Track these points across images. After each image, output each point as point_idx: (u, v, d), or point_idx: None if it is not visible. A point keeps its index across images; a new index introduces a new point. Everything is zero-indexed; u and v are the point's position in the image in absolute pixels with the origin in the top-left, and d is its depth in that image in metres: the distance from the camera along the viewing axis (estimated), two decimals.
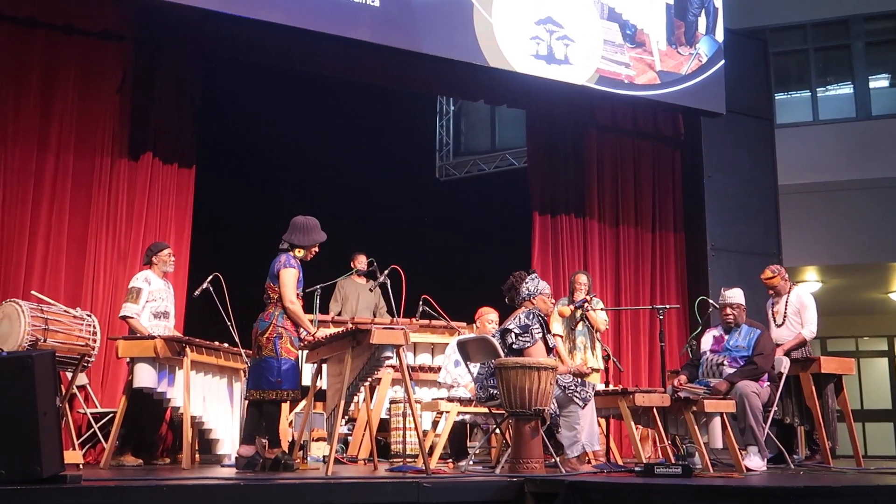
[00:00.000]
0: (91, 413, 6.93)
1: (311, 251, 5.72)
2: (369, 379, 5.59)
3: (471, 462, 6.05)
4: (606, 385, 7.05)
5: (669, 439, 6.52)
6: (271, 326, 5.47)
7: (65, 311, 6.12)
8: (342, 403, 5.23)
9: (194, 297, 6.47)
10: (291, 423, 6.97)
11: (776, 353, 6.62)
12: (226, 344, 6.45)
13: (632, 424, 5.87)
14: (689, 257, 10.20)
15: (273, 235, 5.77)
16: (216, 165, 9.08)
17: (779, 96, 12.67)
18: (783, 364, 6.58)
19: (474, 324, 7.15)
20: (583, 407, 5.64)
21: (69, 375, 6.17)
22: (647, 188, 10.21)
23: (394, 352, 5.18)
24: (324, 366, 5.91)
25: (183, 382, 6.02)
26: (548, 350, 5.59)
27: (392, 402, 7.13)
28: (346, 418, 7.25)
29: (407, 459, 6.40)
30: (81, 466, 5.62)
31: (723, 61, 9.56)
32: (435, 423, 6.48)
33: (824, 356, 6.84)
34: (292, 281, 5.52)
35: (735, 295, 6.59)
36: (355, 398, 6.07)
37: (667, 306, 7.67)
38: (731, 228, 10.04)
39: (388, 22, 7.72)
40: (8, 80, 7.19)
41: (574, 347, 7.51)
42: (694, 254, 10.14)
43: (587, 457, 5.93)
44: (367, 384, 5.78)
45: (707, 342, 6.64)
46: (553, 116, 9.83)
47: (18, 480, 3.48)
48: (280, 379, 5.41)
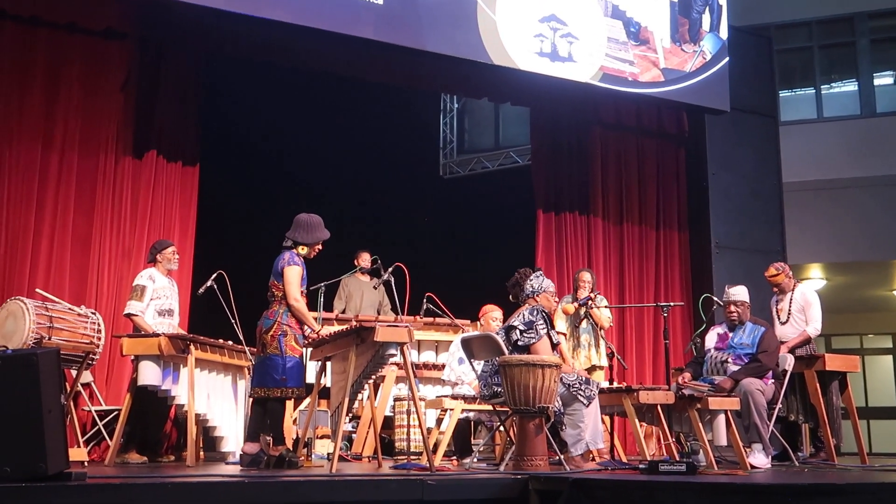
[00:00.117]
0: (96, 410, 6.94)
1: (315, 249, 5.72)
2: (373, 376, 5.58)
3: (475, 459, 6.04)
4: (610, 382, 7.04)
5: (674, 437, 6.52)
6: (276, 324, 5.47)
7: (69, 309, 6.12)
8: (346, 401, 5.22)
9: (198, 295, 6.48)
10: (296, 421, 6.98)
11: (780, 351, 6.60)
12: (230, 342, 6.46)
13: (636, 422, 5.86)
14: (694, 255, 10.20)
15: (277, 233, 5.77)
16: (220, 163, 9.09)
17: (783, 94, 12.65)
18: (787, 361, 6.57)
19: (478, 321, 7.14)
20: (587, 405, 5.62)
21: (74, 373, 6.17)
22: (651, 186, 10.20)
23: (398, 349, 5.17)
24: (328, 363, 5.91)
25: (187, 380, 6.03)
26: (553, 346, 5.59)
27: (396, 400, 7.12)
28: (351, 416, 7.26)
29: (411, 457, 6.40)
30: (86, 464, 5.62)
31: (727, 58, 9.56)
32: (439, 421, 6.48)
33: (829, 353, 6.83)
34: (296, 278, 5.52)
35: (739, 292, 6.58)
36: (359, 396, 6.07)
37: (671, 304, 7.67)
38: (736, 226, 10.04)
39: (392, 20, 7.73)
40: (12, 79, 7.20)
41: (578, 345, 7.52)
42: (698, 251, 10.13)
43: (591, 454, 5.92)
44: (372, 382, 5.77)
45: (711, 340, 6.63)
46: (557, 114, 9.82)
47: (23, 478, 3.48)
48: (285, 376, 5.41)
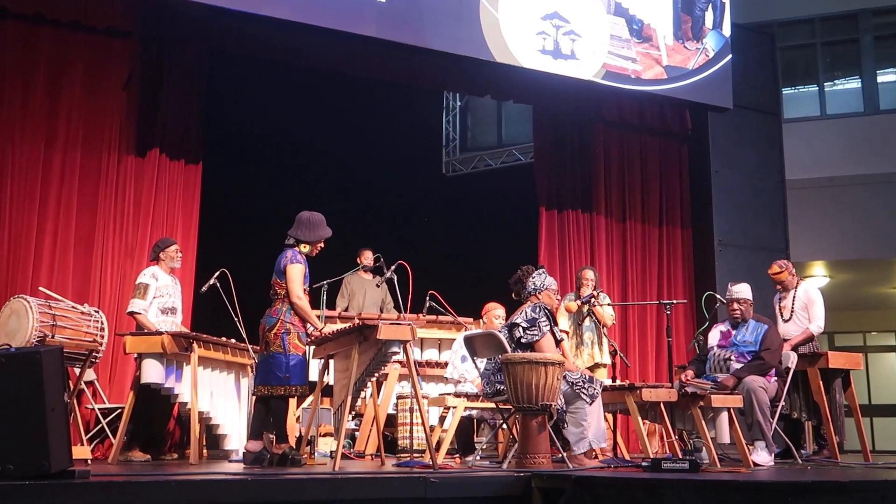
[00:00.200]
0: (99, 409, 6.95)
1: (317, 247, 5.72)
2: (376, 374, 5.59)
3: (478, 457, 6.05)
4: (613, 380, 7.03)
5: (676, 434, 6.51)
6: (279, 322, 5.48)
7: (73, 307, 6.13)
8: (349, 399, 5.23)
9: (201, 293, 6.49)
10: (299, 419, 6.98)
11: (783, 349, 6.60)
12: (233, 340, 6.46)
13: (639, 419, 5.85)
14: (696, 252, 10.19)
15: (280, 231, 5.77)
16: (223, 161, 9.10)
17: (786, 91, 12.61)
18: (791, 359, 6.56)
19: (481, 319, 7.14)
20: (590, 403, 5.59)
21: (77, 371, 6.18)
22: (654, 183, 10.19)
23: (401, 347, 5.17)
24: (331, 361, 5.92)
25: (190, 378, 6.04)
26: (556, 343, 5.58)
27: (399, 398, 7.12)
28: (354, 414, 7.27)
29: (414, 455, 6.40)
30: (90, 462, 5.64)
31: (730, 56, 9.55)
32: (442, 419, 6.48)
33: (832, 351, 6.81)
34: (299, 276, 5.52)
35: (742, 290, 6.57)
36: (362, 394, 6.07)
37: (674, 301, 7.66)
38: (739, 223, 10.03)
39: (395, 17, 7.73)
40: (15, 78, 7.21)
41: (581, 343, 7.52)
42: (701, 249, 10.12)
43: (594, 453, 5.91)
44: (374, 380, 5.78)
45: (714, 337, 6.63)
46: (560, 112, 9.82)
47: (27, 476, 3.49)
48: (288, 374, 5.41)
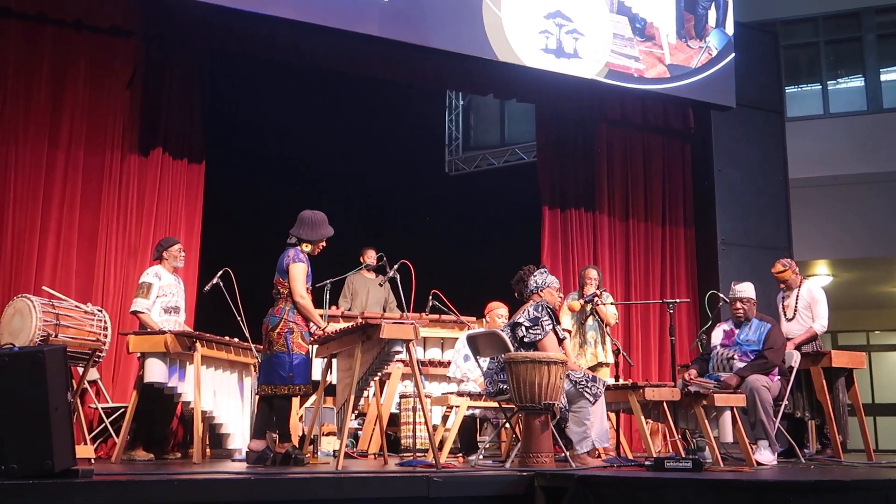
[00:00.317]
0: (102, 408, 6.96)
1: (319, 246, 5.72)
2: (379, 374, 5.59)
3: (481, 456, 6.04)
4: (616, 379, 7.03)
5: (679, 433, 6.50)
6: (282, 321, 5.48)
7: (76, 307, 6.15)
8: (352, 398, 5.23)
9: (204, 292, 6.50)
10: (302, 418, 6.99)
11: (787, 347, 6.59)
12: (236, 339, 6.47)
13: (642, 419, 5.84)
14: (700, 251, 10.18)
15: (283, 230, 5.77)
16: (226, 160, 9.11)
17: (789, 89, 12.60)
18: (794, 358, 6.56)
19: (484, 318, 7.13)
20: (593, 402, 5.57)
21: (80, 370, 6.19)
22: (657, 182, 10.18)
23: (404, 346, 5.17)
24: (334, 360, 5.92)
25: (193, 377, 6.04)
26: (559, 341, 5.57)
27: (402, 397, 7.12)
28: (357, 413, 7.27)
29: (417, 454, 6.40)
30: (93, 461, 5.64)
31: (733, 54, 9.54)
32: (445, 418, 6.48)
33: (835, 350, 6.80)
34: (302, 276, 5.53)
35: (745, 289, 6.57)
36: (365, 393, 6.08)
37: (677, 300, 7.65)
38: (742, 222, 10.02)
39: (397, 16, 7.73)
40: (18, 77, 7.22)
41: (584, 342, 7.51)
42: (704, 248, 10.11)
43: (597, 452, 5.90)
44: (377, 379, 5.78)
45: (717, 336, 6.62)
46: (562, 110, 9.81)
47: (30, 475, 3.50)
48: (292, 374, 5.42)
